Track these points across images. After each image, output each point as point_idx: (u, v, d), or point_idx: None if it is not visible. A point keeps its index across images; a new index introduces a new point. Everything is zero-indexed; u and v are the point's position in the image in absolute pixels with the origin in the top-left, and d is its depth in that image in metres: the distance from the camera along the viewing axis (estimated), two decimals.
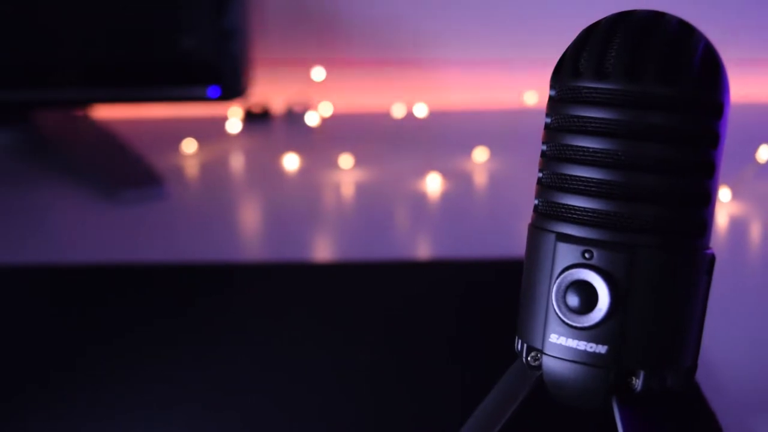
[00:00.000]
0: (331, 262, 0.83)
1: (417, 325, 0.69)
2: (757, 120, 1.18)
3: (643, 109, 0.39)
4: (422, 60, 1.27)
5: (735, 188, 0.93)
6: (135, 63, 1.00)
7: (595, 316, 0.40)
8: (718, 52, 0.41)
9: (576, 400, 0.42)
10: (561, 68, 0.42)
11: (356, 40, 1.27)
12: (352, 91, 1.26)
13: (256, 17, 1.15)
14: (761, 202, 0.93)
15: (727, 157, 1.02)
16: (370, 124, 1.14)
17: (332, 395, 0.59)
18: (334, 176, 1.03)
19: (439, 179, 1.00)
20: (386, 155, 1.07)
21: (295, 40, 1.26)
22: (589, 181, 0.41)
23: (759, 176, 0.96)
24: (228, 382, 0.61)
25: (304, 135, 1.17)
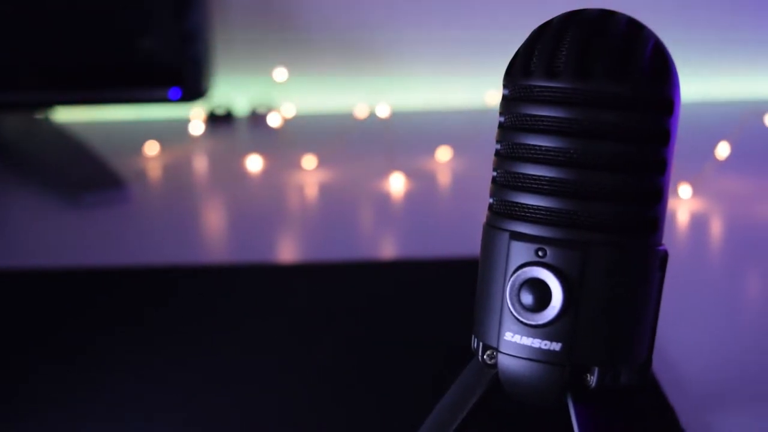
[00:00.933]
0: (295, 263, 0.83)
1: (380, 325, 0.69)
2: (716, 117, 1.19)
3: (593, 107, 0.40)
4: (384, 60, 1.27)
5: (695, 185, 0.94)
6: (96, 65, 0.99)
7: (548, 313, 0.40)
8: (667, 50, 0.42)
9: (531, 398, 0.42)
10: (513, 67, 0.43)
11: (319, 41, 1.27)
12: (315, 91, 1.26)
13: (218, 18, 1.15)
14: (721, 198, 0.93)
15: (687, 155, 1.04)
16: (333, 125, 1.14)
17: (293, 395, 0.59)
18: (297, 177, 1.03)
19: (402, 179, 1.00)
20: (349, 156, 1.07)
21: (257, 41, 1.26)
22: (542, 180, 0.41)
23: (718, 173, 0.97)
24: (189, 385, 0.61)
25: (267, 136, 1.16)
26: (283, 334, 0.67)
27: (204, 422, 0.57)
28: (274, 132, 1.16)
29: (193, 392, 0.60)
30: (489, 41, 1.20)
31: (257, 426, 0.56)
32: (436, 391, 0.47)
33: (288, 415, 0.57)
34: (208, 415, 0.57)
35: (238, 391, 0.60)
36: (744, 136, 0.98)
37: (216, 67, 1.13)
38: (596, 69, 0.40)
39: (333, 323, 0.69)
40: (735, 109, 1.19)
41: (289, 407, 0.58)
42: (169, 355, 0.65)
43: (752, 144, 0.98)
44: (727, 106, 1.26)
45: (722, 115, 1.17)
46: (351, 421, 0.57)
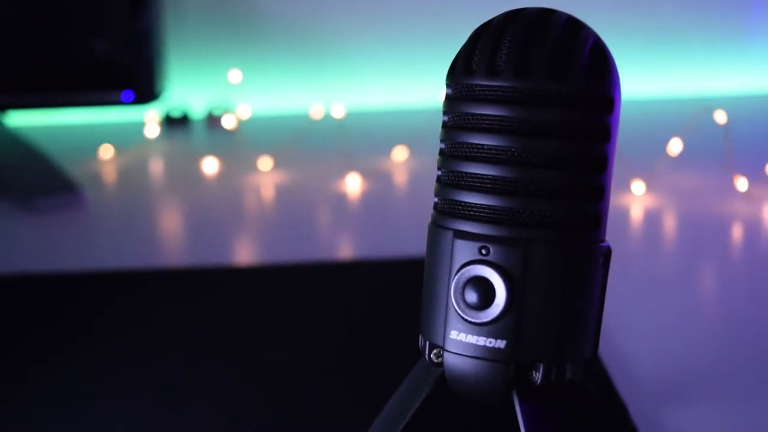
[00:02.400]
0: (252, 266, 0.83)
1: (338, 325, 0.69)
2: (668, 114, 1.20)
3: (534, 106, 0.40)
4: (339, 61, 1.28)
5: (648, 181, 0.95)
6: (48, 68, 0.98)
7: (492, 311, 0.40)
8: (607, 48, 0.42)
9: (477, 396, 0.42)
10: (455, 66, 0.43)
11: (273, 42, 1.27)
12: (271, 93, 1.26)
13: (172, 21, 1.15)
14: (674, 194, 0.94)
15: (640, 151, 1.04)
16: (289, 126, 1.14)
17: (249, 396, 0.59)
18: (253, 179, 1.03)
19: (358, 179, 1.00)
20: (305, 157, 1.07)
21: (213, 43, 1.26)
22: (484, 178, 0.41)
23: (671, 169, 0.98)
24: (148, 387, 0.60)
25: (223, 138, 1.16)
26: (240, 336, 0.67)
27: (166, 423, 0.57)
28: (230, 134, 1.15)
29: (152, 394, 0.59)
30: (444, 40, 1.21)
31: (217, 426, 0.56)
32: (390, 391, 0.47)
33: (246, 414, 0.57)
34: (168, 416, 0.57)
35: (194, 392, 0.59)
36: (695, 132, 0.99)
37: (171, 70, 1.13)
38: (535, 67, 0.40)
39: (290, 324, 0.69)
40: (686, 106, 1.20)
41: (246, 407, 0.58)
42: (128, 359, 0.64)
43: (703, 140, 0.99)
44: (678, 103, 1.27)
45: (674, 112, 1.18)
46: (301, 422, 0.56)
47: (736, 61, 1.34)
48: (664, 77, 1.32)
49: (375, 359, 0.63)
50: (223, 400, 0.59)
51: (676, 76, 1.33)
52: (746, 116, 1.20)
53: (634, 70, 1.30)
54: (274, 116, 1.23)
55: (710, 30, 1.33)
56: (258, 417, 0.57)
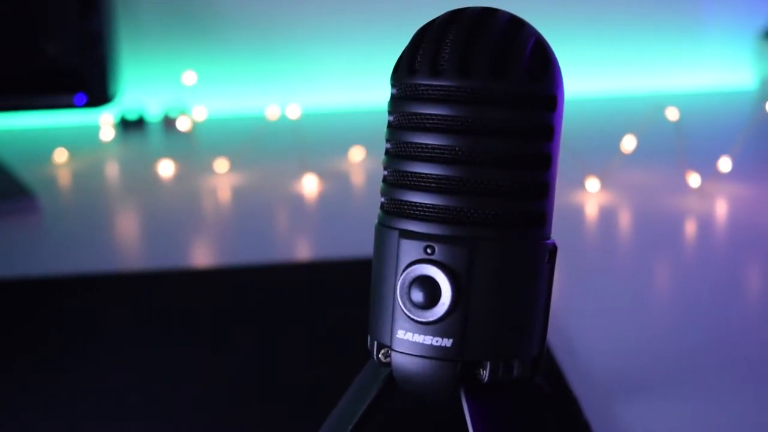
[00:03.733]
0: (209, 268, 0.82)
1: (295, 326, 0.68)
2: (621, 111, 1.21)
3: (476, 105, 0.40)
4: (294, 61, 1.27)
5: (603, 178, 0.96)
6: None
7: (438, 310, 0.40)
8: (549, 46, 0.42)
9: (425, 395, 0.42)
10: (399, 66, 0.43)
11: (229, 43, 1.26)
12: (226, 94, 1.25)
13: (125, 22, 1.14)
14: (628, 191, 0.95)
15: (593, 149, 1.05)
16: (245, 127, 1.13)
17: (207, 397, 0.59)
18: (209, 181, 1.02)
19: (315, 180, 1.00)
20: (261, 158, 1.07)
21: (167, 44, 1.25)
22: (429, 178, 0.41)
23: (625, 166, 0.99)
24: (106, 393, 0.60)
25: (179, 140, 1.15)
26: (197, 337, 0.67)
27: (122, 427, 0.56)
28: (186, 136, 1.15)
29: (110, 399, 0.59)
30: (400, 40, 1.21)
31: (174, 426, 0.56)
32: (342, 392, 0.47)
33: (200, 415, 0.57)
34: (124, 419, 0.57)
35: (151, 395, 0.59)
36: (648, 129, 1.00)
37: (125, 72, 1.12)
38: (477, 66, 0.40)
39: (248, 326, 0.69)
40: (639, 103, 1.22)
41: (200, 409, 0.58)
42: (84, 364, 0.64)
43: (656, 137, 1.00)
44: (631, 101, 1.29)
45: (627, 110, 1.19)
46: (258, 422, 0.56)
47: (688, 58, 1.35)
48: (616, 75, 1.33)
49: (330, 360, 0.63)
50: (179, 402, 0.59)
51: (628, 74, 1.34)
52: (698, 113, 1.21)
53: (587, 68, 1.31)
54: (230, 118, 1.23)
55: (662, 27, 1.35)
56: (212, 418, 0.57)
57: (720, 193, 0.94)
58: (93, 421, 0.57)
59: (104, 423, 0.57)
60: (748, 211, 0.91)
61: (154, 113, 1.23)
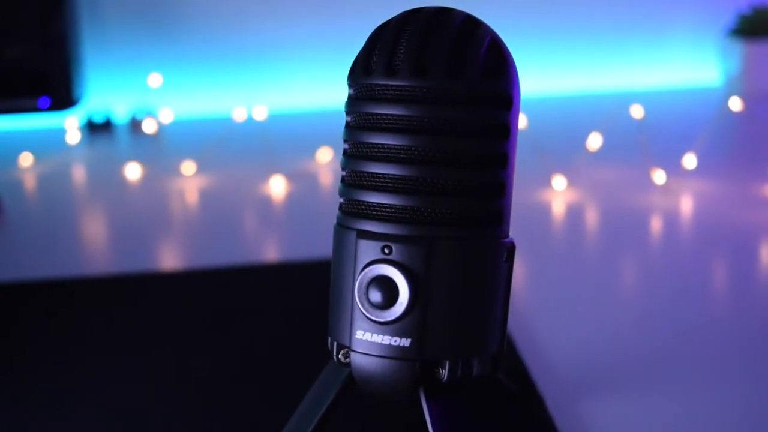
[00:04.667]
0: (178, 271, 0.82)
1: (265, 328, 0.68)
2: (587, 110, 1.22)
3: (432, 104, 0.40)
4: (261, 62, 1.27)
5: (569, 176, 0.96)
6: None
7: (396, 310, 0.41)
8: (505, 46, 0.42)
9: (385, 394, 0.42)
10: (355, 67, 0.43)
11: (195, 44, 1.26)
12: (193, 95, 1.25)
13: (90, 24, 1.13)
14: (594, 189, 0.96)
15: (560, 147, 1.05)
16: (211, 129, 1.13)
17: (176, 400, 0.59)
18: (177, 184, 1.02)
19: (282, 181, 1.00)
20: (228, 160, 1.06)
21: (134, 46, 1.24)
22: (386, 178, 0.41)
23: (591, 164, 0.99)
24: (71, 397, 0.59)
25: (146, 143, 1.15)
26: (166, 340, 0.67)
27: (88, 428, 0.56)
28: (152, 138, 1.14)
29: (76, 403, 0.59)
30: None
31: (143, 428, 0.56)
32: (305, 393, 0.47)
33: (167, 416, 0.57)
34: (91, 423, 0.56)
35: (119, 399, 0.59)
36: (614, 127, 1.00)
37: (91, 75, 1.11)
38: (432, 66, 0.40)
39: (216, 328, 0.68)
40: (604, 102, 1.22)
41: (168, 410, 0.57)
42: (52, 368, 0.63)
43: (622, 134, 1.01)
44: (597, 99, 1.29)
45: (593, 108, 1.20)
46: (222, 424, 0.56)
47: (654, 56, 1.36)
48: (583, 73, 1.34)
49: (297, 361, 0.63)
50: (148, 404, 0.58)
51: (595, 72, 1.35)
52: (665, 110, 1.22)
53: (553, 67, 1.32)
54: (197, 119, 1.22)
55: (628, 25, 1.35)
56: (177, 419, 0.57)
57: (685, 190, 0.94)
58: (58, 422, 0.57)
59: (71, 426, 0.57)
60: (712, 207, 0.92)
61: (121, 116, 1.22)
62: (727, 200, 0.93)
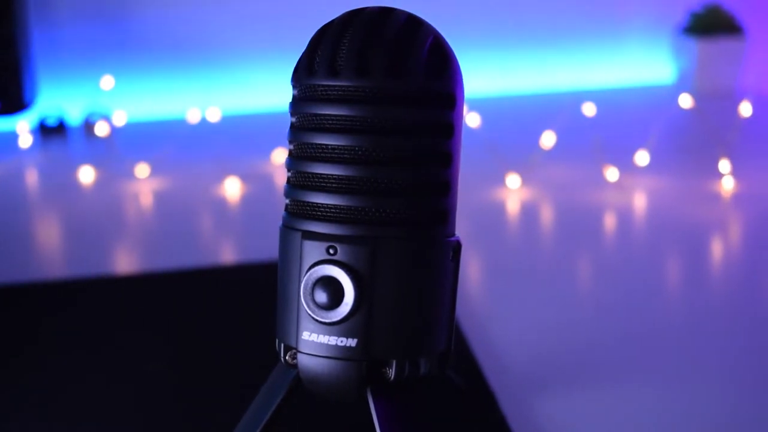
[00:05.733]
0: (133, 275, 0.81)
1: (218, 330, 0.68)
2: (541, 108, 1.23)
3: (375, 104, 0.40)
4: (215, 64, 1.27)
5: (523, 175, 0.97)
6: None
7: (342, 310, 0.40)
8: (448, 45, 0.43)
9: (332, 395, 0.42)
10: (299, 67, 0.43)
11: (148, 46, 1.25)
12: (146, 97, 1.24)
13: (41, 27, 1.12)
14: (548, 187, 0.96)
15: (514, 145, 1.06)
16: (165, 131, 1.12)
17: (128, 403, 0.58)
18: (131, 187, 1.01)
19: (237, 183, 1.00)
20: (183, 162, 1.06)
21: (87, 48, 1.23)
22: (330, 178, 0.41)
23: (545, 162, 1.00)
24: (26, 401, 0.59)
25: (100, 146, 1.14)
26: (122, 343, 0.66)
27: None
28: (106, 141, 1.13)
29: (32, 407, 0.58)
30: None
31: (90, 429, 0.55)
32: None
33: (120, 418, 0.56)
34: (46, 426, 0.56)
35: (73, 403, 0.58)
36: (567, 125, 1.01)
37: (43, 78, 1.10)
38: (375, 66, 0.40)
39: (172, 331, 0.68)
40: (557, 100, 1.23)
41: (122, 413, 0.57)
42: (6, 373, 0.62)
43: (575, 132, 1.02)
44: (550, 97, 1.30)
45: (546, 106, 1.20)
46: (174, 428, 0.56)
47: (607, 54, 1.38)
48: (536, 72, 1.35)
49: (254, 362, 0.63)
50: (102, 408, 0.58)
51: (548, 71, 1.35)
52: (618, 108, 1.23)
53: (506, 66, 1.33)
54: (151, 122, 1.21)
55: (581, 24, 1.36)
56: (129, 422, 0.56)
57: (638, 187, 0.95)
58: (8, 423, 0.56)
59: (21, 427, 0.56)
60: (665, 203, 0.93)
61: (74, 119, 1.21)
62: (678, 196, 0.94)
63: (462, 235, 0.44)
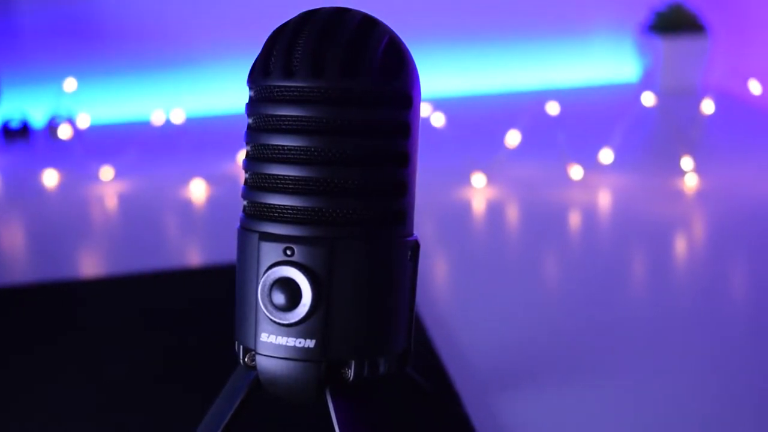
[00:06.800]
0: (98, 278, 0.80)
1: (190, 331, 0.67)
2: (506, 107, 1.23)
3: (330, 105, 0.40)
4: (179, 66, 1.26)
5: (489, 173, 0.97)
6: None
7: (300, 311, 0.40)
8: (404, 45, 0.42)
9: (291, 396, 0.42)
10: (255, 69, 0.42)
11: (112, 48, 1.24)
12: (110, 100, 1.23)
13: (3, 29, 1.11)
14: (514, 185, 0.96)
15: (479, 145, 1.06)
16: (130, 133, 1.12)
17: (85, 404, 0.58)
18: (95, 189, 1.00)
19: (203, 185, 0.99)
20: (147, 164, 1.05)
21: (51, 51, 1.22)
22: (286, 179, 0.41)
23: (510, 161, 1.00)
24: None
25: (63, 149, 1.13)
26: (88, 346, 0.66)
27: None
28: (70, 144, 1.12)
29: None
30: None
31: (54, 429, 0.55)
32: None
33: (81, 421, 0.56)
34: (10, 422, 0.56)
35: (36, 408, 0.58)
36: (532, 124, 1.01)
37: (6, 80, 1.09)
38: (329, 67, 0.40)
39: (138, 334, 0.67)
40: (522, 99, 1.24)
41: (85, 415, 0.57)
42: None
43: (540, 131, 1.02)
44: (515, 97, 1.31)
45: (511, 106, 1.21)
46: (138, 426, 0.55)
47: (572, 53, 1.38)
48: (500, 72, 1.35)
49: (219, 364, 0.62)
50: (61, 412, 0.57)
51: (512, 71, 1.36)
52: (583, 106, 1.24)
53: (471, 65, 1.33)
54: (115, 123, 1.21)
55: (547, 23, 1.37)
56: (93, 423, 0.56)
57: (602, 184, 0.96)
58: None
59: None
60: (629, 200, 0.93)
61: (37, 121, 1.20)
62: (643, 193, 0.94)
63: (428, 234, 0.44)
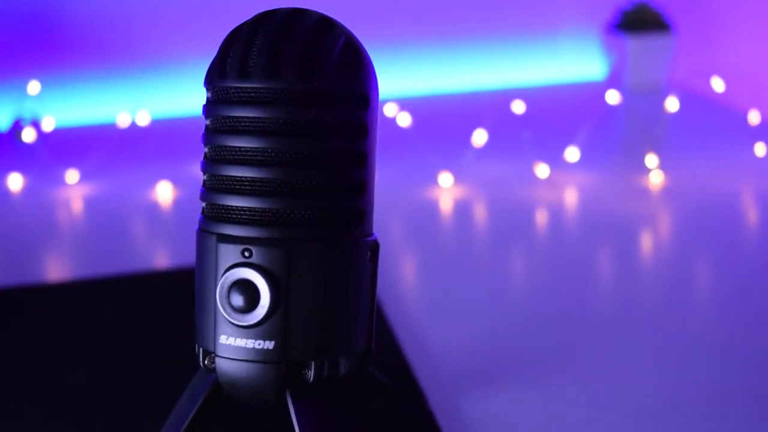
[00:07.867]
0: (65, 282, 0.80)
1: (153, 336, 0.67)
2: (471, 106, 1.23)
3: (286, 105, 0.40)
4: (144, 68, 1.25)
5: (456, 173, 0.97)
6: None
7: (258, 313, 0.40)
8: (361, 46, 0.43)
9: (252, 398, 0.42)
10: (211, 70, 0.42)
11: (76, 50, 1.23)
12: (75, 102, 1.23)
13: None
14: (481, 185, 0.97)
15: (445, 144, 1.06)
16: (95, 136, 1.11)
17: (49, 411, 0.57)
18: (61, 193, 1.00)
19: (169, 187, 0.99)
20: (113, 167, 1.04)
21: (14, 53, 1.21)
22: (244, 180, 0.41)
23: (477, 160, 1.00)
24: None
25: (28, 152, 1.12)
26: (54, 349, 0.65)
27: None
28: (35, 147, 1.12)
29: None
30: None
31: None
32: None
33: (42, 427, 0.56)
34: None
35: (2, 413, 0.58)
36: (498, 123, 1.02)
37: None
38: (285, 67, 0.40)
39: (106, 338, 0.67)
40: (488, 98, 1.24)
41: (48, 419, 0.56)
42: None
43: (506, 130, 1.02)
44: (481, 96, 1.31)
45: (477, 105, 1.21)
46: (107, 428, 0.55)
47: (537, 53, 1.39)
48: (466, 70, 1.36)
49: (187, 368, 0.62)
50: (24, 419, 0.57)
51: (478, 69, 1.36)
52: (549, 105, 1.24)
53: (436, 65, 1.33)
54: (80, 126, 1.20)
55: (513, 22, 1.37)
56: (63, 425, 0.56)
57: (569, 183, 0.96)
58: None
59: None
60: (595, 198, 0.93)
61: (1, 125, 1.19)
62: (609, 191, 0.95)
63: (395, 234, 0.44)
